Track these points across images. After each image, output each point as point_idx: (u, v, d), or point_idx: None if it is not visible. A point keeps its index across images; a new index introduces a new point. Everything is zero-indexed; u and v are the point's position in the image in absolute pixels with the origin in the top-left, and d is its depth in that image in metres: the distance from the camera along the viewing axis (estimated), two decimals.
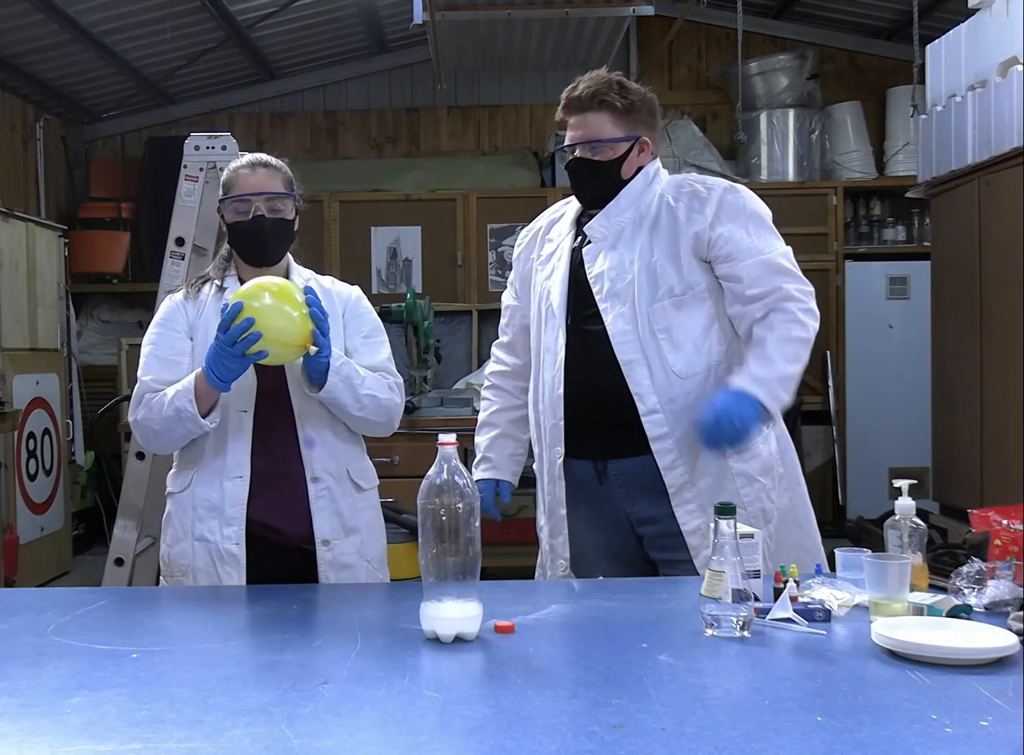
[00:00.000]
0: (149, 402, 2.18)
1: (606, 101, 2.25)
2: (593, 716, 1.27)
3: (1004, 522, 1.90)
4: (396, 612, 1.77)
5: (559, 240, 2.38)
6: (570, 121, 2.29)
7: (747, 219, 2.23)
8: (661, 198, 2.28)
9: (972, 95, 4.07)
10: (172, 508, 2.26)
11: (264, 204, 2.22)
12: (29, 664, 1.53)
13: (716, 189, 2.26)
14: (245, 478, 2.17)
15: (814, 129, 6.98)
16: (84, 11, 5.82)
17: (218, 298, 2.26)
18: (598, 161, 2.28)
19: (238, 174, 2.25)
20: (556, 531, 2.33)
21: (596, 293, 2.25)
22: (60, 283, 6.03)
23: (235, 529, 2.17)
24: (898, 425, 6.47)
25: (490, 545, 1.83)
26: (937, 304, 4.67)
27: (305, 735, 1.23)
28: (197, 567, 2.19)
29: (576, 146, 2.28)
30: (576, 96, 2.27)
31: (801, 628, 1.64)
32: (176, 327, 2.26)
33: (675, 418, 2.19)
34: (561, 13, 5.69)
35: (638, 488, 2.25)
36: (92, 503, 6.39)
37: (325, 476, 2.21)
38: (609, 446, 2.26)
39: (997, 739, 1.20)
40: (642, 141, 2.30)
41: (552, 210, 2.48)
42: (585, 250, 2.30)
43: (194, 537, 2.20)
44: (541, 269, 2.39)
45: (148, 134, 7.49)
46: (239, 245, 2.28)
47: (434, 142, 7.63)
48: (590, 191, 2.33)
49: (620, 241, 2.27)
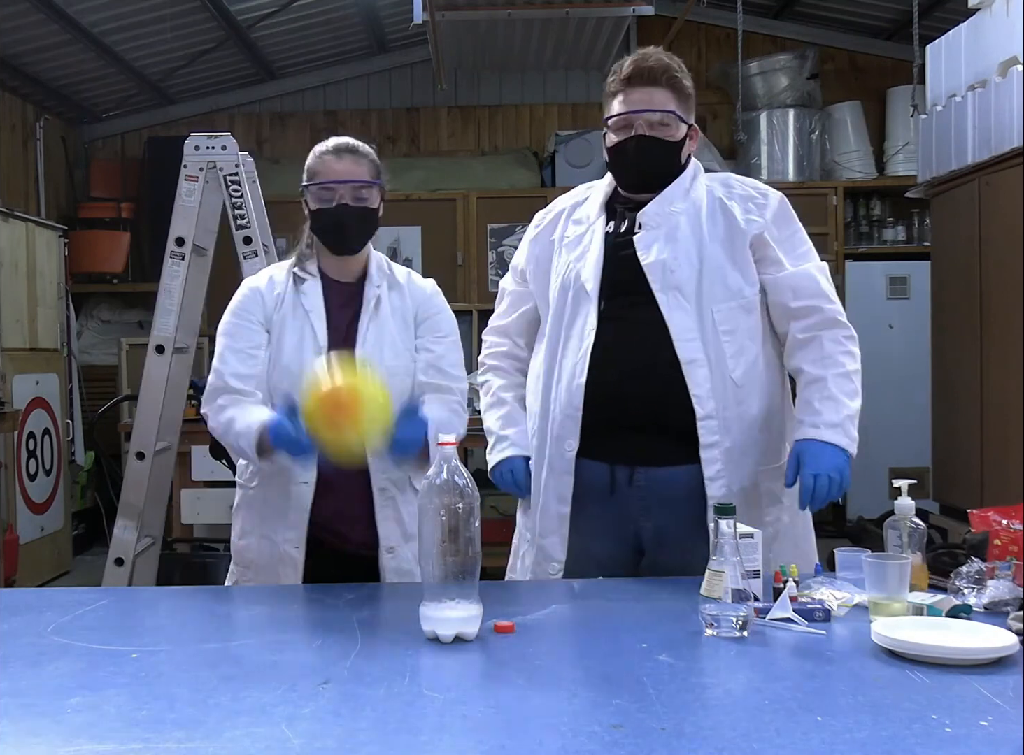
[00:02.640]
0: (219, 414, 2.15)
1: (675, 78, 2.13)
2: (593, 716, 1.27)
3: (1004, 522, 1.90)
4: (396, 612, 1.77)
5: (589, 223, 2.23)
6: (629, 94, 2.13)
7: (797, 229, 2.20)
8: (711, 193, 2.19)
9: (972, 95, 4.07)
10: (241, 501, 2.28)
11: (349, 192, 2.18)
12: (29, 664, 1.52)
13: (772, 195, 2.20)
14: (311, 484, 2.17)
15: (814, 129, 6.98)
16: (84, 11, 5.82)
17: (296, 293, 2.23)
18: (665, 141, 2.14)
19: (323, 160, 2.20)
20: (549, 530, 2.18)
21: (652, 282, 2.11)
22: (60, 283, 6.03)
23: (296, 533, 2.17)
24: (898, 425, 6.47)
25: (490, 545, 1.83)
26: (937, 304, 4.67)
27: (305, 735, 1.23)
28: (259, 564, 2.22)
29: (640, 120, 2.12)
30: (648, 66, 2.11)
31: (801, 628, 1.64)
32: (252, 318, 2.22)
33: (726, 427, 2.10)
34: (561, 13, 5.69)
35: (661, 501, 2.11)
36: (92, 503, 6.39)
37: (389, 486, 2.20)
38: (642, 451, 2.11)
39: (997, 739, 1.20)
40: (694, 130, 2.21)
41: (573, 194, 2.34)
42: (638, 237, 2.15)
43: (260, 534, 2.22)
44: (567, 251, 2.23)
45: (148, 134, 7.49)
46: (322, 233, 2.23)
47: (434, 142, 7.63)
48: (651, 171, 2.17)
49: (678, 231, 2.14)
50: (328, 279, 2.27)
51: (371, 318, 2.22)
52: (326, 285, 2.26)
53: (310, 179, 2.21)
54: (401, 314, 2.26)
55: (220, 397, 2.17)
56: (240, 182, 3.58)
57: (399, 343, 2.23)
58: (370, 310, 2.23)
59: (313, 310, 2.21)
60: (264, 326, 2.22)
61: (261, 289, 2.25)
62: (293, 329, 2.21)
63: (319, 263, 2.28)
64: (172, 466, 3.87)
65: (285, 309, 2.23)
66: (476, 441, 5.08)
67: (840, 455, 2.06)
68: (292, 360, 2.17)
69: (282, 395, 2.12)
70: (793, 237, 2.20)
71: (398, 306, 2.27)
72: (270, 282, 2.27)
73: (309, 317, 2.21)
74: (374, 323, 2.22)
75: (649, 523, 2.13)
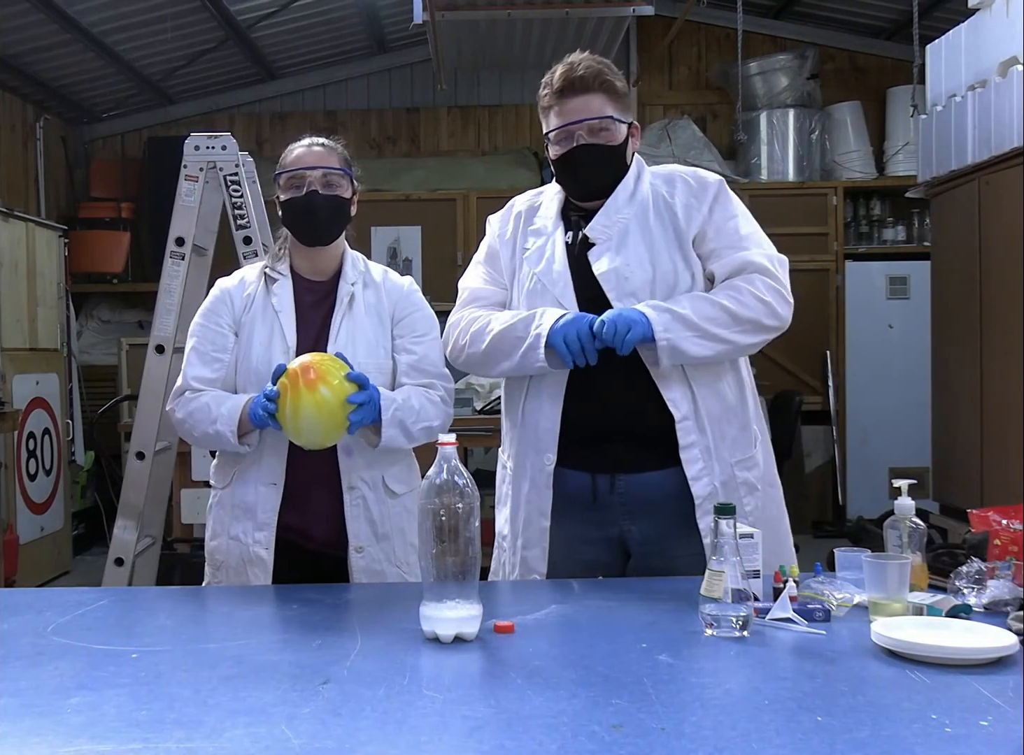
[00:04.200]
0: (188, 405, 2.19)
1: (607, 81, 2.11)
2: (593, 716, 1.27)
3: (1004, 522, 1.90)
4: (396, 612, 1.76)
5: (548, 234, 2.20)
6: (564, 105, 2.11)
7: (734, 215, 2.16)
8: (655, 190, 2.17)
9: (972, 95, 4.07)
10: (214, 502, 2.29)
11: (319, 180, 2.18)
12: (29, 664, 1.52)
13: (710, 183, 2.17)
14: (279, 484, 2.18)
15: (814, 129, 6.98)
16: (84, 11, 5.82)
17: (267, 293, 2.24)
18: (608, 146, 2.12)
19: (293, 151, 2.22)
20: (532, 543, 2.16)
21: (608, 291, 2.10)
22: (60, 283, 6.03)
23: (265, 534, 2.18)
24: (898, 425, 6.48)
25: (490, 545, 1.83)
26: (937, 304, 4.67)
27: (305, 735, 1.23)
28: (229, 565, 2.22)
29: (580, 130, 2.10)
30: (579, 76, 2.10)
31: (801, 628, 1.64)
32: (220, 321, 2.24)
33: (700, 426, 2.09)
34: (561, 13, 5.70)
35: (644, 505, 2.12)
36: (92, 503, 6.40)
37: (360, 484, 2.20)
38: (621, 459, 2.11)
39: (997, 739, 1.20)
40: (634, 127, 2.19)
41: (524, 199, 2.30)
42: (590, 252, 2.15)
43: (229, 535, 2.22)
44: (529, 263, 2.19)
45: (148, 134, 7.50)
46: (292, 223, 2.23)
47: (434, 142, 7.64)
48: (598, 179, 2.16)
49: (628, 237, 2.13)
50: (300, 278, 2.26)
51: (344, 316, 2.22)
52: (298, 284, 2.25)
53: (280, 169, 2.22)
54: (376, 312, 2.26)
55: (184, 396, 2.22)
56: (240, 182, 3.58)
57: (373, 341, 2.23)
58: (344, 308, 2.22)
59: (283, 310, 2.21)
60: (232, 328, 2.23)
61: (231, 290, 2.26)
62: (262, 330, 2.21)
63: (292, 262, 2.27)
64: (172, 466, 3.87)
65: (255, 310, 2.23)
66: (476, 441, 5.10)
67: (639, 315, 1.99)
68: (260, 360, 2.18)
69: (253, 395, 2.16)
70: (728, 223, 2.15)
71: (372, 304, 2.26)
72: (241, 283, 2.27)
73: (278, 317, 2.21)
74: (347, 321, 2.22)
75: (634, 527, 2.14)
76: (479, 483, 1.64)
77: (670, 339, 2.01)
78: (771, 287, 2.09)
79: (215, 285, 2.30)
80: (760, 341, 2.12)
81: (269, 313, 2.22)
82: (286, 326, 2.20)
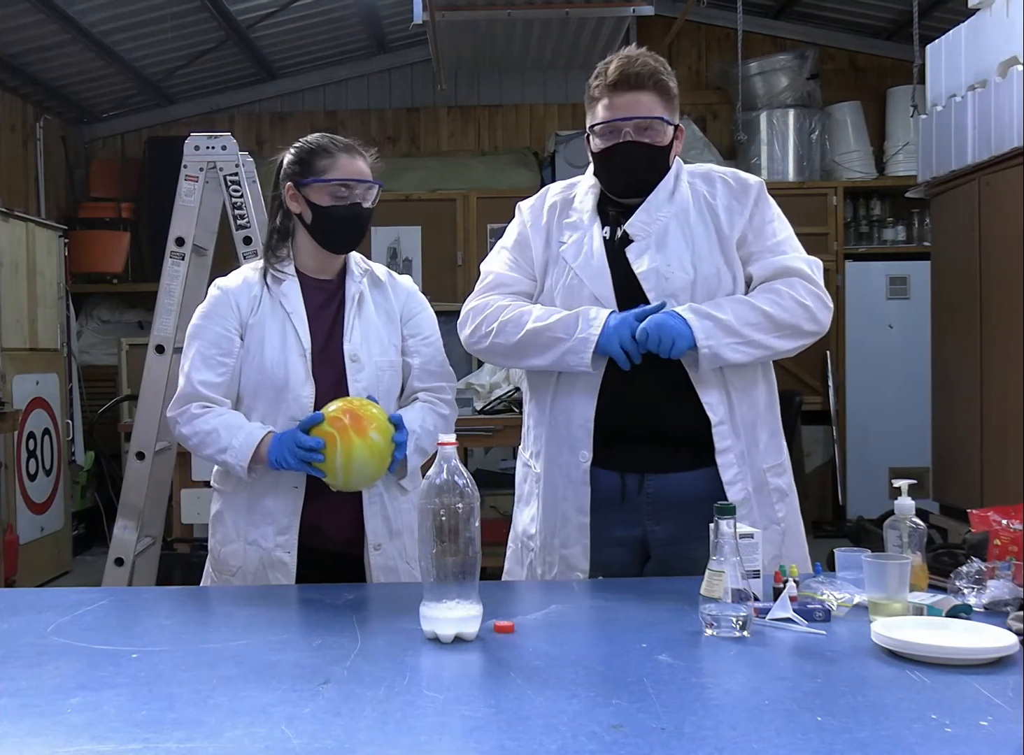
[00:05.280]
0: (195, 424, 2.14)
1: (662, 81, 2.09)
2: (593, 716, 1.27)
3: (1004, 522, 1.90)
4: (396, 612, 1.76)
5: (585, 228, 2.18)
6: (615, 99, 2.07)
7: (773, 218, 2.17)
8: (694, 189, 2.16)
9: (972, 95, 4.07)
10: (223, 507, 2.24)
11: (363, 192, 2.18)
12: (29, 664, 1.52)
13: (752, 185, 2.18)
14: (300, 488, 2.16)
15: (814, 129, 6.98)
16: (84, 11, 5.82)
17: (273, 294, 2.20)
18: (655, 145, 2.10)
19: (337, 158, 2.16)
20: (572, 541, 2.14)
21: (648, 291, 2.08)
22: (60, 283, 6.03)
23: (288, 538, 2.16)
24: (898, 425, 6.48)
25: (490, 545, 1.83)
26: (937, 304, 4.67)
27: (305, 735, 1.23)
28: (247, 570, 2.18)
29: (628, 126, 2.07)
30: (635, 72, 2.05)
31: (801, 628, 1.64)
32: (227, 324, 2.18)
33: (735, 431, 2.09)
34: (561, 13, 5.70)
35: (671, 506, 2.10)
36: (92, 503, 6.40)
37: (378, 482, 2.20)
38: (651, 459, 2.10)
39: (997, 739, 1.20)
40: (680, 130, 2.16)
41: (556, 190, 2.28)
42: (629, 248, 2.12)
43: (247, 541, 2.18)
44: (568, 258, 2.16)
45: (148, 134, 7.50)
46: (326, 228, 2.18)
47: (434, 142, 7.64)
48: (640, 178, 2.13)
49: (668, 237, 2.11)
50: (306, 278, 2.24)
51: (356, 314, 2.21)
52: (304, 284, 2.23)
53: (318, 174, 2.15)
54: (385, 311, 2.26)
55: (191, 404, 2.16)
56: (240, 182, 3.58)
57: (386, 339, 2.23)
58: (355, 307, 2.22)
59: (294, 311, 2.18)
60: (238, 332, 2.19)
61: (234, 292, 2.21)
62: (274, 332, 2.17)
63: (295, 262, 2.24)
64: (172, 466, 3.87)
65: (263, 312, 2.19)
66: (476, 441, 5.09)
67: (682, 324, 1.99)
68: (276, 363, 2.15)
69: (266, 400, 2.15)
70: (767, 227, 2.16)
71: (381, 303, 2.26)
72: (244, 284, 2.22)
73: (291, 318, 2.18)
74: (359, 319, 2.21)
75: (658, 527, 2.13)
76: (479, 483, 1.64)
77: (712, 346, 2.02)
78: (811, 291, 2.10)
79: (214, 285, 2.25)
80: (798, 346, 2.12)
81: (279, 314, 2.18)
82: (299, 327, 2.17)
